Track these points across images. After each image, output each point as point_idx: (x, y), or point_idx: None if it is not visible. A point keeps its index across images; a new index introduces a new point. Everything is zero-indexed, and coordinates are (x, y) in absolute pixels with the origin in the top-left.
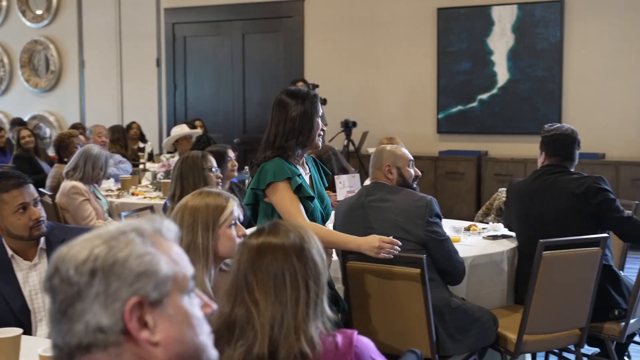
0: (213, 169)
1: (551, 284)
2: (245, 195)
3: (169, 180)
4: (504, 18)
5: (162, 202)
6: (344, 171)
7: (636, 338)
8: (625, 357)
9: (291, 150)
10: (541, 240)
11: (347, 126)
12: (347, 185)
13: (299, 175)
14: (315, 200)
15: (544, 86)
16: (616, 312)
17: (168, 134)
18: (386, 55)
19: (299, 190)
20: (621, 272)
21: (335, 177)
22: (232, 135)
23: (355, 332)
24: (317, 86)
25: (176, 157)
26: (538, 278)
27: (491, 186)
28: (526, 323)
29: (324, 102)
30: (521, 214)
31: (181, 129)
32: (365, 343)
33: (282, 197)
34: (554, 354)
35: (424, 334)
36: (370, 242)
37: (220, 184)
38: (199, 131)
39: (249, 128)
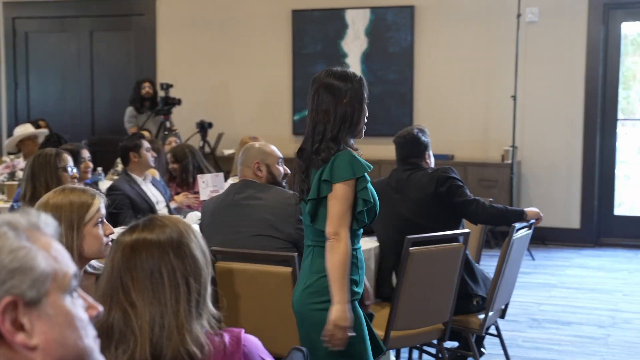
0: (68, 168)
1: (417, 279)
2: (311, 189)
3: (14, 182)
4: (357, 21)
5: (7, 205)
6: (201, 171)
7: (491, 330)
8: (482, 349)
9: (344, 140)
10: (408, 237)
11: (203, 127)
12: (210, 185)
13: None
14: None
15: (396, 89)
16: (475, 302)
17: (9, 135)
18: (242, 55)
19: (363, 191)
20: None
21: (199, 176)
22: (80, 136)
23: (243, 331)
24: (171, 86)
25: (21, 159)
26: (405, 274)
27: None
28: (394, 319)
29: (178, 102)
30: (382, 212)
31: (25, 129)
32: (253, 342)
33: (347, 198)
34: (416, 348)
35: (294, 334)
36: (340, 314)
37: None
38: (45, 131)
39: (98, 129)
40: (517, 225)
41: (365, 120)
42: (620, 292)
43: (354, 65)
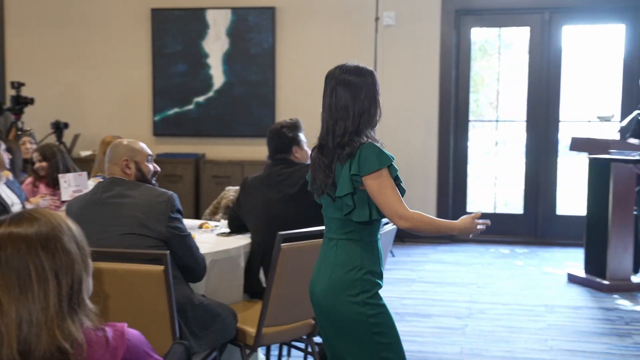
0: None
1: (288, 275)
2: (341, 185)
3: None
4: (218, 22)
5: None
6: (69, 171)
7: None
8: None
9: (364, 133)
10: (280, 233)
11: (58, 127)
12: (73, 185)
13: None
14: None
15: (258, 90)
16: None
17: None
18: (98, 54)
19: (396, 178)
20: None
21: (60, 175)
22: None
23: (126, 325)
24: (22, 84)
25: None
26: (277, 270)
27: (210, 188)
28: (265, 316)
29: (31, 101)
30: (256, 208)
31: None
32: (137, 336)
33: (386, 185)
34: (285, 344)
35: (167, 333)
36: (466, 228)
37: None
38: None
39: None
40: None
41: (380, 111)
42: (475, 284)
43: (216, 65)
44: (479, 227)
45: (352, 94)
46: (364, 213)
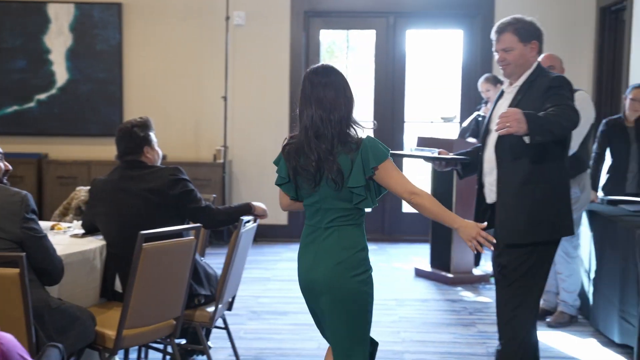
0: None
1: (150, 276)
2: (354, 178)
3: None
4: (60, 16)
5: None
6: None
7: (218, 323)
8: (209, 342)
9: (354, 122)
10: (141, 232)
11: None
12: None
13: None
14: None
15: (105, 88)
16: (196, 301)
17: None
18: None
19: None
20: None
21: None
22: None
23: None
24: None
25: None
26: (138, 271)
27: (54, 189)
28: (126, 317)
29: None
30: (107, 210)
31: None
32: (11, 340)
33: (394, 169)
34: (143, 345)
35: (22, 339)
36: (468, 229)
37: None
38: None
39: None
40: (245, 218)
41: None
42: None
43: (59, 61)
44: (479, 239)
45: (337, 92)
46: (370, 202)
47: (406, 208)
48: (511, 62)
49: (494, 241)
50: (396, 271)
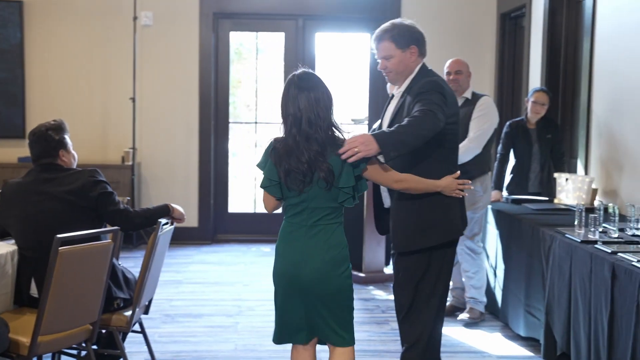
0: None
1: (66, 280)
2: (344, 178)
3: None
4: None
5: None
6: None
7: (135, 327)
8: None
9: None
10: (58, 236)
11: None
12: None
13: None
14: None
15: (6, 89)
16: (115, 304)
17: None
18: None
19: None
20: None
21: None
22: None
23: None
24: None
25: None
26: (54, 275)
27: None
28: (41, 323)
29: None
30: (22, 214)
31: None
32: None
33: (376, 162)
34: (59, 352)
35: None
36: (448, 187)
37: None
38: None
39: None
40: (163, 221)
41: None
42: (241, 282)
43: None
44: (459, 187)
45: (323, 95)
46: (354, 200)
47: None
48: (392, 70)
49: (470, 182)
50: None
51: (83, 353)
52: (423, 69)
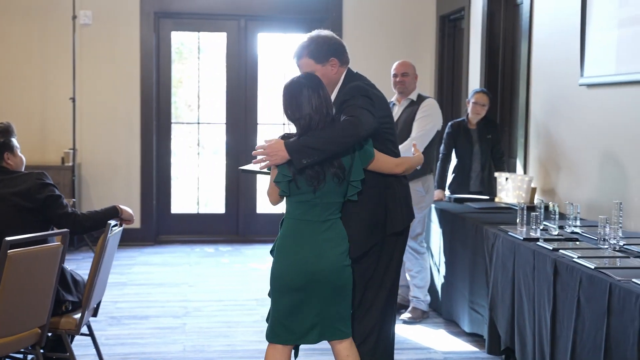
0: None
1: (15, 283)
2: (355, 172)
3: None
4: None
5: None
6: None
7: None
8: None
9: None
10: (6, 239)
11: None
12: None
13: None
14: None
15: None
16: (64, 307)
17: None
18: None
19: None
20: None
21: None
22: None
23: None
24: None
25: None
26: (2, 279)
27: None
28: None
29: None
30: None
31: None
32: None
33: (381, 154)
34: (5, 357)
35: None
36: (419, 157)
37: None
38: None
39: None
40: (112, 222)
41: None
42: (186, 284)
43: None
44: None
45: (324, 92)
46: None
47: (260, 209)
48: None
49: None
50: (253, 272)
51: (30, 357)
52: (348, 76)
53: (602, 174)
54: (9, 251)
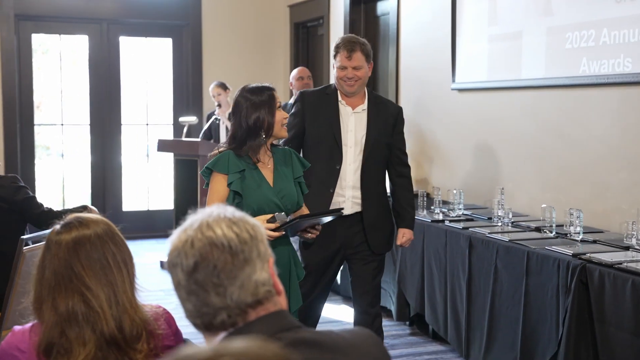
0: None
1: (27, 280)
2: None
3: None
4: None
5: None
6: None
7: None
8: None
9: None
10: (22, 237)
11: None
12: None
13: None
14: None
15: None
16: None
17: None
18: None
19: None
20: None
21: None
22: None
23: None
24: None
25: None
26: (17, 275)
27: None
28: (6, 320)
29: None
30: None
31: None
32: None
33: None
34: None
35: None
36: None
37: None
38: None
39: None
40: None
41: None
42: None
43: None
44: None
45: None
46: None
47: (126, 206)
48: (361, 78)
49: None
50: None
51: None
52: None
53: (473, 164)
54: (24, 248)
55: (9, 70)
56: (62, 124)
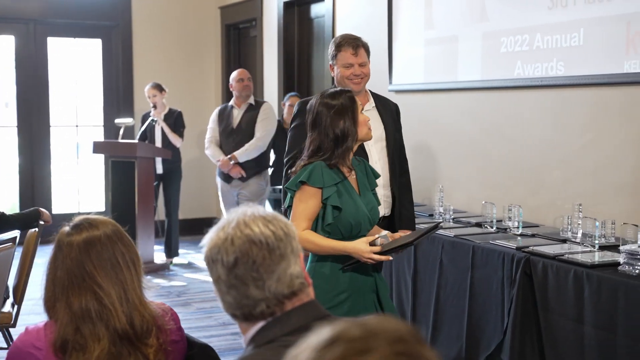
0: None
1: None
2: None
3: None
4: None
5: None
6: None
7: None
8: None
9: None
10: None
11: None
12: None
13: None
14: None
15: None
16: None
17: None
18: None
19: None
20: None
21: None
22: None
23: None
24: None
25: None
26: None
27: None
28: None
29: None
30: None
31: None
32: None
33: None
34: None
35: None
36: (358, 250)
37: None
38: None
39: None
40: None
41: None
42: None
43: None
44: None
45: None
46: None
47: (56, 209)
48: (367, 75)
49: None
50: None
51: None
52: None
53: (412, 163)
54: None
55: None
56: None
